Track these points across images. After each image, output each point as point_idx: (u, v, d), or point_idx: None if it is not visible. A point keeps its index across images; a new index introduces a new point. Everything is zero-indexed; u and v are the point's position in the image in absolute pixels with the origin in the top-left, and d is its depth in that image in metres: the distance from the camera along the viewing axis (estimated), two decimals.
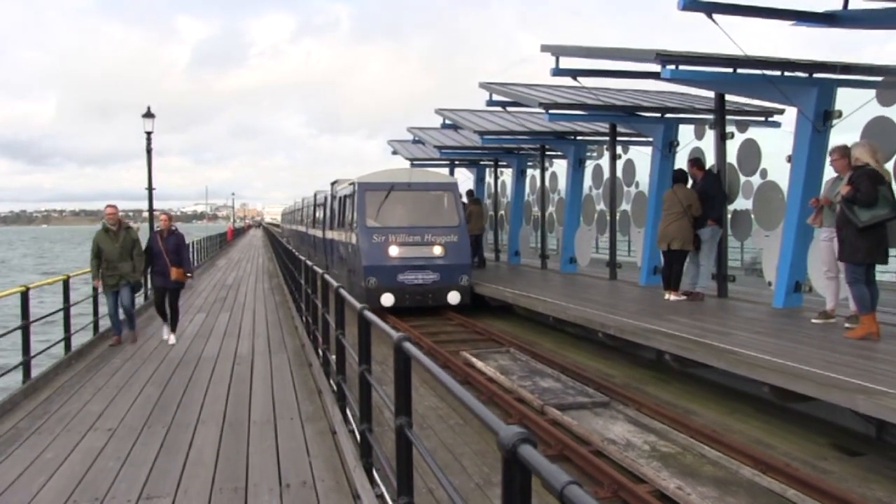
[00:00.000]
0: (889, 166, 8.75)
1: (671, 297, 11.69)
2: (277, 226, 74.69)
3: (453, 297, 14.64)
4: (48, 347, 10.34)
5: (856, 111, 9.69)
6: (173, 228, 11.36)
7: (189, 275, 11.54)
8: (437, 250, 14.85)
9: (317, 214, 25.51)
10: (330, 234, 20.36)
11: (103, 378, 8.83)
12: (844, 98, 10.14)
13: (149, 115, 22.32)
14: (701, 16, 8.77)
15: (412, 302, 14.62)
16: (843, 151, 8.45)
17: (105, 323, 12.09)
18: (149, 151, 22.73)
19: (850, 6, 8.75)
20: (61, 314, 10.61)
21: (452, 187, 16.11)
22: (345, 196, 17.14)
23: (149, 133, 22.44)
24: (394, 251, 14.69)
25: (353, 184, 15.83)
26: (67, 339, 10.39)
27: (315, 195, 26.46)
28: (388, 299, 14.43)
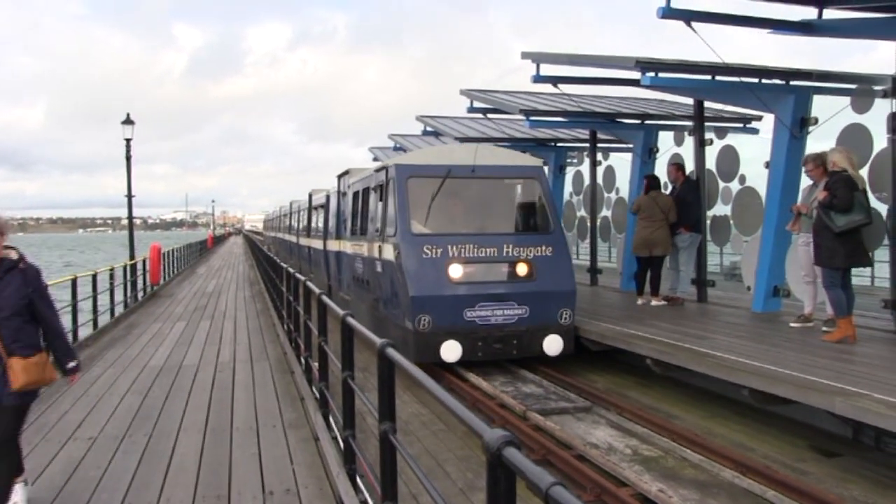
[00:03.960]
0: (864, 173, 8.91)
1: (648, 301, 11.79)
2: (259, 233, 74.10)
3: (551, 345, 9.53)
4: None
5: (831, 118, 9.85)
6: (14, 260, 4.79)
7: (73, 368, 5.03)
8: (523, 270, 9.73)
9: (312, 220, 20.80)
10: (335, 246, 15.47)
11: (82, 387, 8.75)
12: (820, 105, 10.31)
13: (128, 121, 22.17)
14: (697, 26, 8.85)
15: (488, 353, 9.43)
16: (818, 160, 8.57)
17: (85, 332, 12.00)
18: (128, 158, 22.57)
19: (825, 16, 8.89)
20: None
21: (539, 173, 10.85)
22: (367, 190, 12.02)
23: (128, 140, 22.29)
24: (456, 272, 9.47)
25: (384, 169, 10.84)
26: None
27: (310, 196, 21.47)
28: (452, 350, 9.17)
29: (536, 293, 9.58)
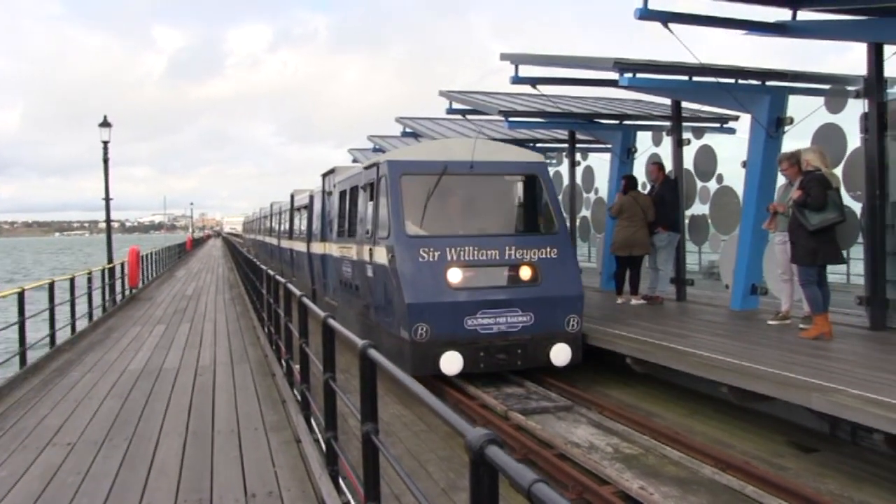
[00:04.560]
0: (838, 172, 9.04)
1: (627, 300, 11.88)
2: (238, 236, 73.52)
3: (559, 354, 8.91)
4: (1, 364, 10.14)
5: (806, 118, 9.98)
6: None
7: None
8: (527, 274, 9.14)
9: (295, 222, 20.12)
10: (320, 249, 14.69)
11: (61, 392, 8.66)
12: (796, 105, 10.45)
13: (105, 124, 22.00)
14: (674, 27, 8.91)
15: (490, 365, 8.79)
16: (792, 159, 8.69)
17: (63, 335, 11.89)
18: (105, 161, 22.39)
19: (799, 17, 9.00)
20: (16, 328, 10.40)
21: (541, 169, 10.18)
22: (356, 189, 11.32)
23: (105, 142, 22.12)
24: (455, 277, 8.85)
25: (375, 165, 10.13)
26: (23, 354, 10.18)
27: (292, 196, 20.99)
28: (452, 361, 8.52)
29: (542, 299, 8.98)
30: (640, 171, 13.96)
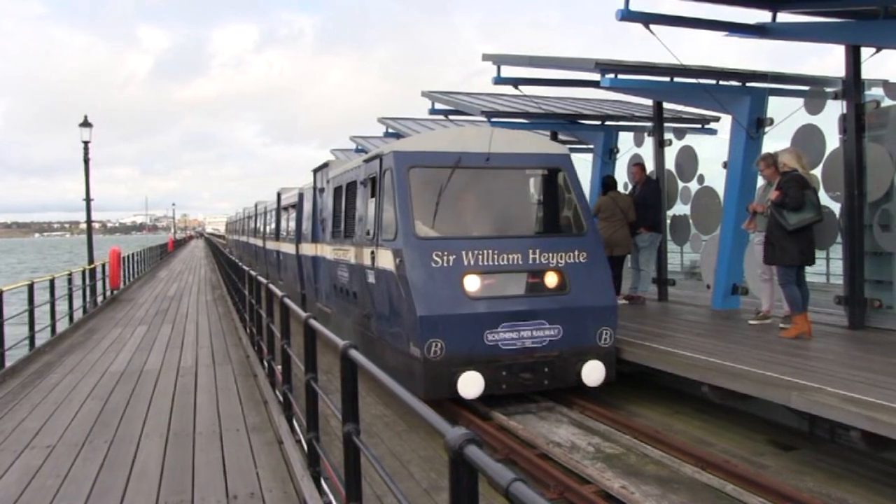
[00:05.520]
0: (817, 173, 9.14)
1: None
2: (221, 237, 73.03)
3: (591, 373, 7.91)
4: None
5: (786, 119, 10.07)
6: None
7: None
8: (554, 281, 8.11)
9: (282, 222, 19.15)
10: (311, 250, 13.77)
11: (40, 394, 8.59)
12: (776, 106, 10.54)
13: (86, 124, 21.81)
14: (656, 28, 8.97)
15: (514, 386, 7.77)
16: (769, 160, 8.78)
17: (43, 336, 11.78)
18: (86, 161, 22.20)
19: (779, 19, 9.08)
20: None
21: (566, 162, 9.04)
22: (354, 184, 10.31)
23: (86, 143, 21.93)
24: (473, 285, 7.81)
25: (377, 157, 9.00)
26: (1, 356, 10.09)
27: (279, 195, 19.94)
28: (472, 383, 7.42)
29: (571, 309, 7.96)
30: (621, 171, 14.04)
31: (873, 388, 6.01)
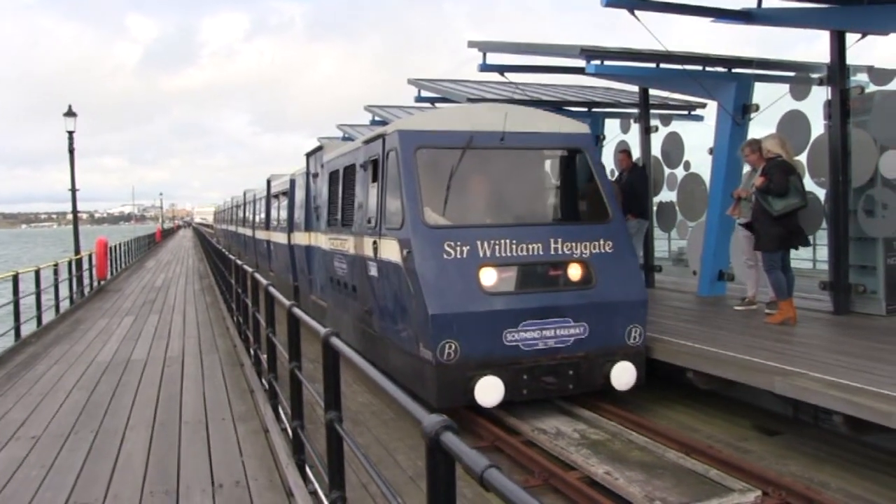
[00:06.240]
0: (802, 158, 9.17)
1: None
2: (209, 226, 72.73)
3: (621, 375, 7.27)
4: None
5: (771, 105, 10.09)
6: None
7: None
8: (578, 273, 7.40)
9: (273, 210, 18.20)
10: (304, 240, 13.02)
11: (26, 385, 8.55)
12: (762, 93, 10.57)
13: (70, 113, 21.64)
14: (643, 15, 8.95)
15: (536, 391, 7.09)
16: (754, 146, 8.81)
17: (29, 327, 11.72)
18: (71, 151, 22.05)
19: (765, 5, 9.08)
20: None
21: (588, 142, 8.39)
22: (352, 168, 9.53)
23: (71, 132, 21.77)
24: (489, 279, 7.08)
25: (380, 137, 8.27)
26: None
27: (268, 182, 19.15)
28: (491, 389, 6.69)
29: (597, 305, 7.24)
30: (608, 158, 14.04)
31: (856, 372, 6.06)
